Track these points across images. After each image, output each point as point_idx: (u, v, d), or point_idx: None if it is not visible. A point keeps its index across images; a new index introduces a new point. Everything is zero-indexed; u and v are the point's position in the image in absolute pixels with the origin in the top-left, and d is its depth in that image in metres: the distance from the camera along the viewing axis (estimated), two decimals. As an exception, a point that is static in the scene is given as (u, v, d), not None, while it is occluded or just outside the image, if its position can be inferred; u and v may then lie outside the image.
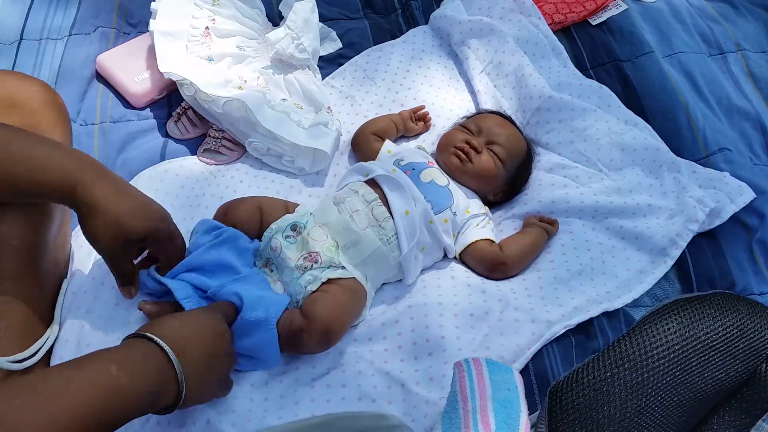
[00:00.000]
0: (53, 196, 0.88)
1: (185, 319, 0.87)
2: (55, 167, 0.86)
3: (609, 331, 1.09)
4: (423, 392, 0.98)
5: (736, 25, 1.62)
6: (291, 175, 1.27)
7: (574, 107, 1.35)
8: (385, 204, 1.09)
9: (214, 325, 0.88)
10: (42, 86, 1.05)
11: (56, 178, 0.86)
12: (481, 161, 1.19)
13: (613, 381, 0.80)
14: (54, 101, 1.05)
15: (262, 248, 1.08)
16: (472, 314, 1.06)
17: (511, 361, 1.02)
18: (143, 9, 1.44)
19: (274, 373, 1.02)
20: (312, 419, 0.90)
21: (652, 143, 1.31)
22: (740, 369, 0.83)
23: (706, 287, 1.18)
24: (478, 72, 1.43)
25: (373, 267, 1.08)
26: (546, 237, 1.18)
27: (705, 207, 1.20)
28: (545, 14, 1.54)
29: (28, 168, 0.85)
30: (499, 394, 0.83)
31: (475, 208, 1.18)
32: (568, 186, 1.26)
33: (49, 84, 1.11)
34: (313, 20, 1.38)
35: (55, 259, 1.04)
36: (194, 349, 0.81)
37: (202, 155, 1.27)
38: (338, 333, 1.00)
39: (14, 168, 0.84)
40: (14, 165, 0.84)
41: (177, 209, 1.17)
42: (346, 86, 1.42)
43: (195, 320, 0.87)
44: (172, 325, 0.83)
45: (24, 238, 0.96)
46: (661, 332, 0.82)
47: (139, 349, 0.77)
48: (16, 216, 0.95)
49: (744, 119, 1.44)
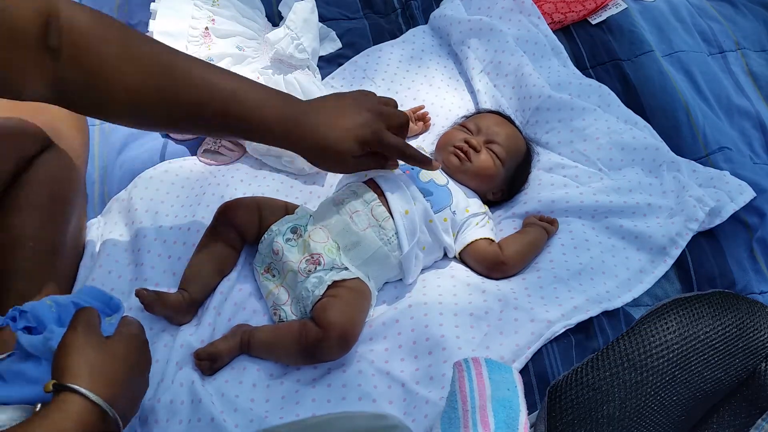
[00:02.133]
0: (265, 134, 0.95)
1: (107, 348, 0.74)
2: (271, 105, 0.93)
3: (609, 330, 1.09)
4: (423, 392, 0.98)
5: (736, 24, 1.62)
6: (291, 175, 1.27)
7: (573, 107, 1.35)
8: (385, 204, 1.09)
9: (135, 339, 0.78)
10: None
11: (273, 117, 0.93)
12: (480, 160, 1.19)
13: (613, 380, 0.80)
14: None
15: (262, 252, 1.09)
16: (472, 314, 1.06)
17: (511, 360, 1.02)
18: (143, 9, 1.44)
19: (275, 374, 1.02)
20: (312, 419, 0.90)
21: (651, 142, 1.30)
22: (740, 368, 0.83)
23: (707, 286, 1.18)
24: (477, 71, 1.43)
25: (375, 267, 1.08)
26: (546, 236, 1.18)
27: (705, 206, 1.20)
28: (545, 13, 1.53)
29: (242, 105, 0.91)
30: (499, 393, 0.83)
31: (474, 207, 1.18)
32: (568, 185, 1.26)
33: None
34: (313, 20, 1.38)
35: (69, 259, 1.05)
36: (124, 385, 0.73)
37: (202, 155, 1.27)
38: (354, 336, 1.01)
39: (227, 106, 0.90)
40: (226, 103, 0.90)
41: (177, 209, 1.18)
42: (346, 86, 1.42)
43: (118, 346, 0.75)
44: (93, 363, 0.71)
45: (41, 240, 0.97)
46: (661, 331, 0.82)
47: (69, 413, 0.66)
48: (33, 218, 0.96)
49: (744, 118, 1.43)
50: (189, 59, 0.91)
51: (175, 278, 1.09)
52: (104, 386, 0.69)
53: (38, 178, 0.99)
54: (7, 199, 0.97)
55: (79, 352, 0.70)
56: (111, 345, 0.73)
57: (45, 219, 0.98)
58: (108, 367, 0.71)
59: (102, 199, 1.22)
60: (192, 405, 0.96)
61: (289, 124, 0.95)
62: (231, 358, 1.02)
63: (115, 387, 0.70)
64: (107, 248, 1.13)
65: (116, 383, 0.71)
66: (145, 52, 0.86)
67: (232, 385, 0.99)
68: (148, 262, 1.11)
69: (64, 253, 1.03)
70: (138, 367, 0.77)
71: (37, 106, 0.99)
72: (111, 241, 1.14)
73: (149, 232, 1.13)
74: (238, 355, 1.02)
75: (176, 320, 1.05)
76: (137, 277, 1.10)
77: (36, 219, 0.97)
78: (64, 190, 1.03)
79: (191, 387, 0.97)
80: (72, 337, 0.72)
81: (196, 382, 0.97)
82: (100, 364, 0.70)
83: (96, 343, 0.72)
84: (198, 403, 0.95)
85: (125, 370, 0.73)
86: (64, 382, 0.68)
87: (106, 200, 1.21)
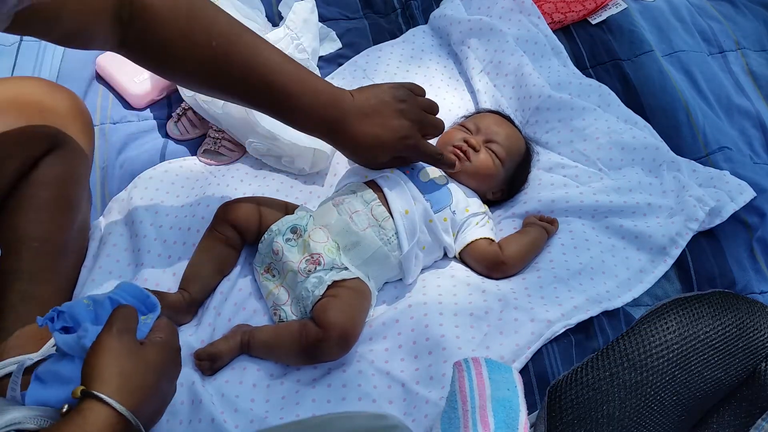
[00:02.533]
0: (310, 122, 1.03)
1: (133, 355, 0.72)
2: (324, 91, 1.02)
3: (609, 330, 1.09)
4: (423, 392, 0.98)
5: (736, 23, 1.62)
6: (291, 175, 1.27)
7: (573, 106, 1.35)
8: (385, 204, 1.09)
9: (167, 347, 0.77)
10: (69, 94, 1.06)
11: (323, 104, 1.01)
12: (479, 160, 1.19)
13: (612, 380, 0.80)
14: (80, 109, 1.06)
15: (262, 252, 1.09)
16: (472, 313, 1.06)
17: (511, 360, 1.02)
18: (143, 10, 1.44)
19: (275, 374, 1.02)
20: (312, 419, 0.90)
21: (651, 142, 1.30)
22: (739, 368, 0.83)
23: (707, 286, 1.17)
24: (477, 71, 1.43)
25: (375, 267, 1.08)
26: (546, 236, 1.17)
27: (705, 206, 1.20)
28: (545, 13, 1.53)
29: (303, 87, 0.99)
30: (499, 393, 0.83)
31: (474, 207, 1.18)
32: (568, 185, 1.26)
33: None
34: (313, 20, 1.38)
35: (73, 259, 1.05)
36: (152, 393, 0.72)
37: (202, 156, 1.27)
38: (355, 336, 1.01)
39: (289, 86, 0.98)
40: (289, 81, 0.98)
41: (177, 209, 1.18)
42: (346, 86, 1.40)
43: (148, 354, 0.74)
44: (123, 369, 0.70)
45: (45, 240, 0.97)
46: (660, 331, 0.82)
47: (93, 422, 0.66)
48: (38, 218, 0.97)
49: (744, 118, 1.43)
50: (254, 37, 0.98)
51: (175, 278, 1.09)
52: (132, 394, 0.68)
53: (44, 179, 0.99)
54: (12, 199, 0.98)
55: (111, 356, 0.70)
56: (144, 351, 0.73)
57: (50, 220, 0.98)
58: (138, 375, 0.70)
59: (102, 199, 1.22)
60: (192, 405, 0.96)
61: (331, 125, 1.04)
62: (231, 358, 1.02)
63: (143, 395, 0.70)
64: (107, 249, 1.13)
65: (144, 391, 0.70)
66: (210, 28, 0.94)
67: (233, 385, 0.99)
68: (148, 262, 1.11)
69: (68, 254, 1.04)
70: (167, 375, 0.76)
71: (44, 107, 1.00)
72: (111, 242, 1.14)
73: (149, 233, 1.13)
74: (238, 355, 1.02)
75: (176, 320, 1.05)
76: (137, 278, 1.09)
77: (41, 219, 0.97)
78: (70, 191, 1.04)
79: (191, 387, 0.97)
80: (106, 339, 0.71)
81: (197, 382, 0.97)
82: (131, 371, 0.70)
83: (129, 349, 0.71)
84: (198, 404, 0.95)
85: (155, 378, 0.72)
86: (92, 389, 0.67)
87: (107, 200, 1.21)
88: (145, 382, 0.71)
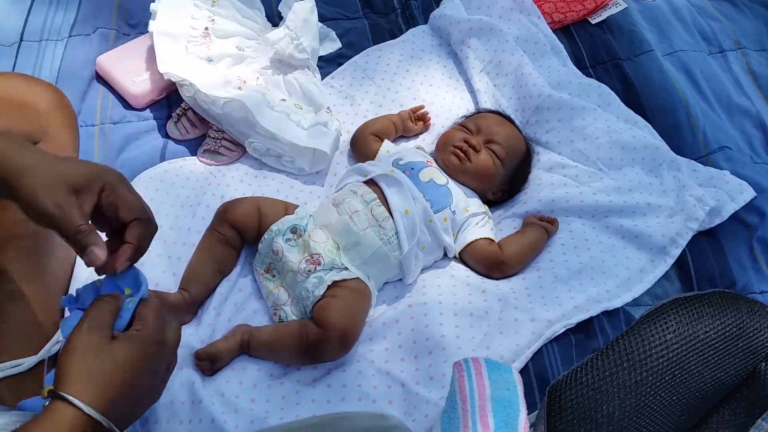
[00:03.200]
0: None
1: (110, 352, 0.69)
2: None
3: (609, 330, 1.09)
4: (423, 392, 0.98)
5: (736, 23, 1.62)
6: (291, 175, 1.27)
7: (573, 106, 1.35)
8: (385, 204, 1.09)
9: (144, 344, 0.72)
10: (50, 88, 1.05)
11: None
12: (479, 160, 1.19)
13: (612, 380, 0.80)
14: (62, 103, 1.05)
15: (262, 252, 1.09)
16: (472, 313, 1.06)
17: (511, 360, 1.02)
18: (143, 10, 1.44)
19: (275, 374, 1.02)
20: (312, 419, 0.90)
21: (651, 142, 1.30)
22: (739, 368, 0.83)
23: (707, 286, 1.18)
24: (477, 71, 1.43)
25: (375, 267, 1.08)
26: (546, 236, 1.18)
27: (705, 205, 1.20)
28: (545, 13, 1.53)
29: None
30: (499, 393, 0.83)
31: (474, 207, 1.18)
32: (568, 185, 1.26)
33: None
34: (313, 20, 1.38)
35: (63, 260, 1.05)
36: (125, 390, 0.69)
37: (202, 156, 1.27)
38: (354, 336, 1.01)
39: None
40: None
41: (177, 209, 1.18)
42: (346, 86, 1.43)
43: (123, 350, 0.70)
44: (91, 368, 0.67)
45: (34, 239, 0.96)
46: (660, 331, 0.81)
47: (60, 423, 0.64)
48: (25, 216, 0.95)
49: (744, 117, 1.43)
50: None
51: (175, 278, 1.09)
52: (101, 393, 0.66)
53: None
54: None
55: (77, 354, 0.68)
56: (113, 348, 0.70)
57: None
58: (107, 373, 0.68)
59: (102, 200, 1.22)
60: (192, 406, 0.96)
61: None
62: (231, 358, 1.02)
63: (114, 393, 0.67)
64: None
65: (115, 389, 0.68)
66: None
67: (233, 385, 0.99)
68: (148, 262, 1.10)
69: (56, 253, 1.02)
70: (144, 370, 0.72)
71: (24, 102, 0.98)
72: (111, 242, 1.14)
73: (149, 233, 1.13)
74: (239, 355, 1.03)
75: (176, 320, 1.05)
76: (137, 278, 1.09)
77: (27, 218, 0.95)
78: None
79: (191, 388, 0.97)
80: (76, 337, 0.69)
81: (197, 382, 0.97)
82: (98, 369, 0.67)
83: (97, 346, 0.69)
84: (198, 404, 0.95)
85: (128, 375, 0.69)
86: (60, 389, 0.66)
87: (107, 200, 1.21)
88: (115, 380, 0.68)
